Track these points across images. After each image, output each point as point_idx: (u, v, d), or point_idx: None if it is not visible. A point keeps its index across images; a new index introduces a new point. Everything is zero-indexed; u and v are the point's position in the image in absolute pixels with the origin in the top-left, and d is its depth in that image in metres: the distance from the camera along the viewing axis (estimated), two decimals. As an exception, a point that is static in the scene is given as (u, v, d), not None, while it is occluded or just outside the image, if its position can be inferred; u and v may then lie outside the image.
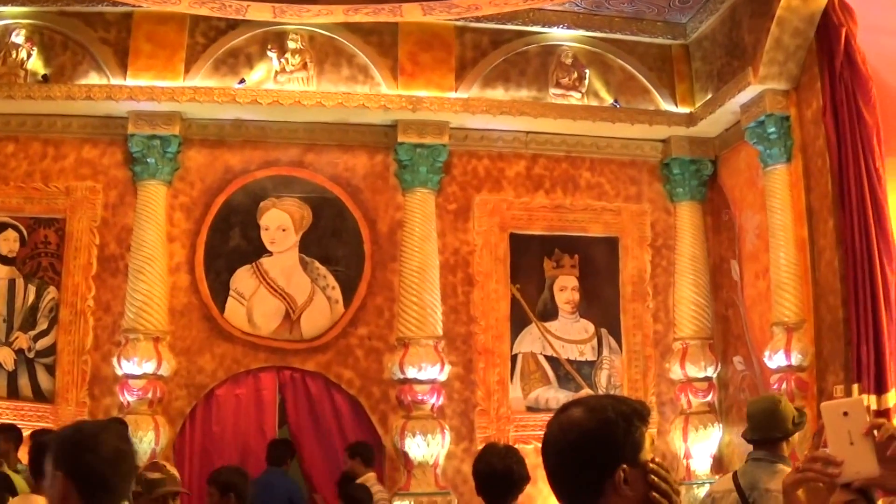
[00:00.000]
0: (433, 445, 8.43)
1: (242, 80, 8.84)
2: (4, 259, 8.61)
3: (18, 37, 8.61)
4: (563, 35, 9.42)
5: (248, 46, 8.98)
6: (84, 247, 8.68)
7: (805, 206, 8.09)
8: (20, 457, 6.61)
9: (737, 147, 9.16)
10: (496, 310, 9.20)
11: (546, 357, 9.26)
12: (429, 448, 8.42)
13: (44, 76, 8.64)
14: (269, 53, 8.91)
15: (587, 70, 9.43)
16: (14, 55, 8.56)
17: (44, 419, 8.11)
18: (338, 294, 8.96)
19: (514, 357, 9.21)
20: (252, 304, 8.83)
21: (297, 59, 8.90)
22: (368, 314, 8.97)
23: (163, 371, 8.32)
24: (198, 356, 8.65)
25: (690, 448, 9.05)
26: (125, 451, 2.44)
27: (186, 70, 8.76)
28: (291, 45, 8.91)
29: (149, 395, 8.20)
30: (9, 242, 8.63)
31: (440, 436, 8.50)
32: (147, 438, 7.97)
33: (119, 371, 8.28)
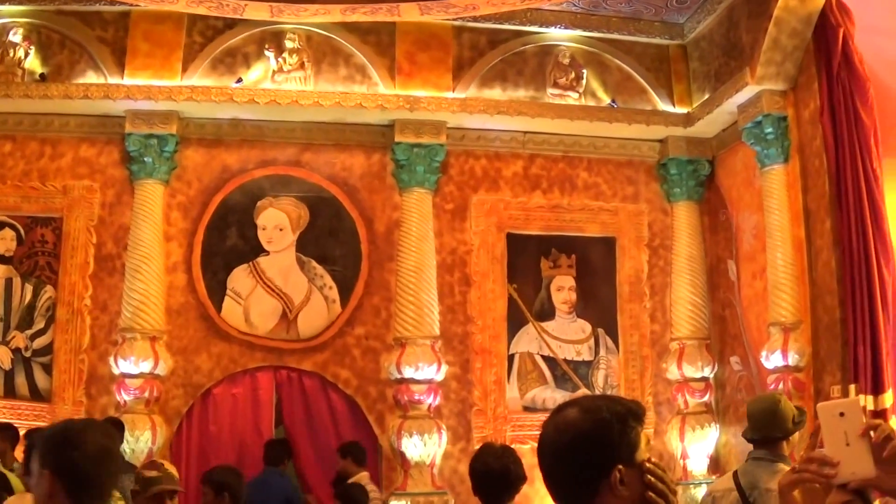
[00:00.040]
0: (430, 445, 8.43)
1: (240, 80, 8.83)
2: (1, 258, 8.60)
3: (16, 36, 8.59)
4: (561, 35, 9.42)
5: (246, 46, 8.97)
6: (81, 246, 8.67)
7: (802, 207, 8.10)
8: (16, 456, 6.62)
9: (734, 147, 9.16)
10: (493, 310, 9.20)
11: (543, 357, 9.26)
12: (425, 448, 8.42)
13: (41, 75, 8.63)
14: (267, 53, 8.90)
15: (584, 70, 9.43)
16: (11, 54, 8.54)
17: (40, 418, 8.09)
18: (335, 293, 8.96)
19: (511, 357, 9.21)
20: (249, 304, 8.82)
21: (295, 59, 8.90)
22: (365, 314, 8.97)
23: (159, 370, 8.31)
24: (194, 355, 8.65)
25: (687, 448, 9.06)
26: (111, 449, 2.45)
27: (184, 69, 8.75)
28: (289, 45, 8.90)
29: (145, 395, 8.19)
30: (6, 241, 8.61)
31: (437, 435, 8.49)
32: (144, 438, 7.98)
33: (116, 370, 8.27)
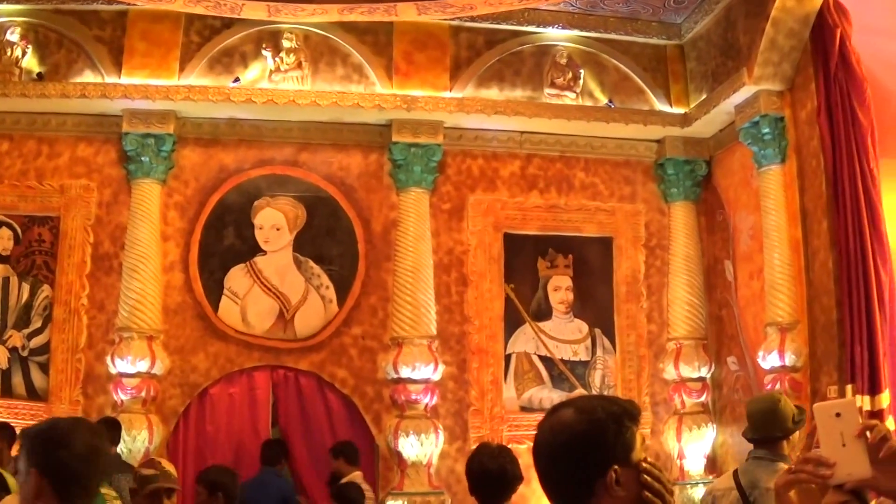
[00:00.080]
0: (427, 445, 8.43)
1: (237, 79, 8.83)
2: (-2, 257, 8.61)
3: (13, 35, 8.57)
4: (558, 35, 9.42)
5: (243, 45, 8.96)
6: (78, 245, 8.66)
7: (799, 207, 8.10)
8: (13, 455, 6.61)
9: (731, 147, 9.16)
10: (490, 309, 9.20)
11: (540, 357, 9.26)
12: (422, 448, 8.41)
13: (38, 74, 8.62)
14: (264, 52, 8.89)
15: (582, 70, 9.42)
16: (9, 53, 8.52)
17: (37, 418, 8.04)
18: (332, 293, 8.96)
19: (508, 357, 9.21)
20: (246, 303, 8.82)
21: (292, 59, 8.89)
22: (362, 313, 8.97)
23: (156, 370, 8.30)
24: (191, 355, 8.64)
25: (684, 448, 9.06)
26: (98, 448, 2.44)
27: (181, 69, 8.74)
28: (286, 44, 8.89)
29: (142, 394, 8.18)
30: (3, 241, 8.60)
31: (434, 435, 8.49)
32: (141, 437, 7.97)
33: (113, 370, 8.26)
